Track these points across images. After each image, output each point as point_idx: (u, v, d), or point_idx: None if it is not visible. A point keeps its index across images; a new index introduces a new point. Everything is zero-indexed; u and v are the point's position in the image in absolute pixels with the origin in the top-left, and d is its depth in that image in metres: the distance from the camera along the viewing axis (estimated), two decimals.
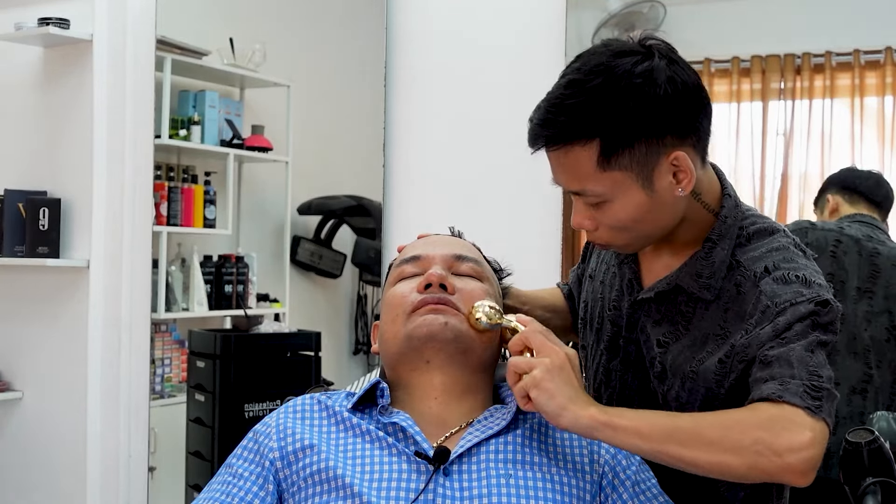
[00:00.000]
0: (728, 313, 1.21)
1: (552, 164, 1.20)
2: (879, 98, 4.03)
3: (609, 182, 1.15)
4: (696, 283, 1.24)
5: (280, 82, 2.99)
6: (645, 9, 4.16)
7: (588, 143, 1.13)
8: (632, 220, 1.19)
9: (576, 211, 1.22)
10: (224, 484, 1.19)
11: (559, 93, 1.16)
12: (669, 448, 1.08)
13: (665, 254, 1.29)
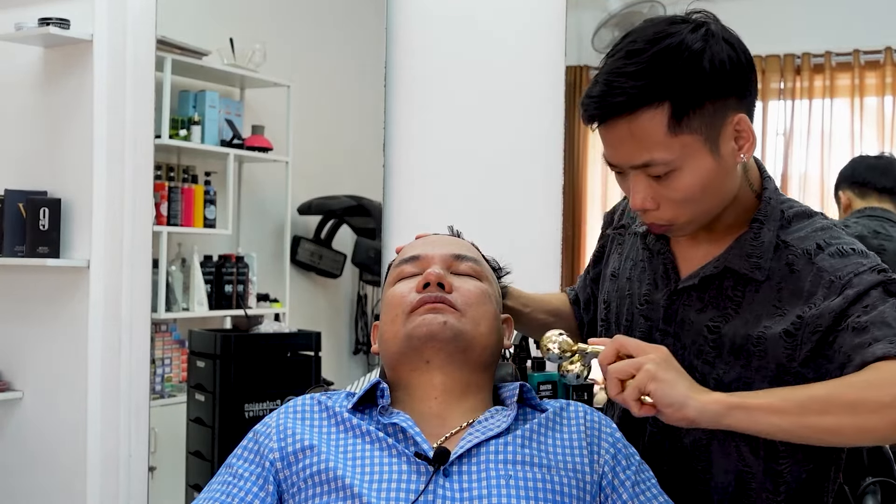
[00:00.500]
0: (782, 292, 1.21)
1: (612, 140, 1.16)
2: (879, 98, 4.03)
3: (679, 147, 1.14)
4: (746, 264, 1.23)
5: (280, 82, 2.99)
6: (645, 9, 4.16)
7: (659, 107, 1.12)
8: (700, 188, 1.17)
9: (636, 191, 1.18)
10: (224, 484, 1.19)
11: (620, 63, 1.14)
12: (808, 419, 1.06)
13: (703, 242, 1.28)
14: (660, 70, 1.12)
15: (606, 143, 1.18)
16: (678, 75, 1.12)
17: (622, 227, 1.44)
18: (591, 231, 4.13)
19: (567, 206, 2.64)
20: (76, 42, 2.76)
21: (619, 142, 1.16)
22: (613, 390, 1.09)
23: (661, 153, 1.14)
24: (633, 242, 1.40)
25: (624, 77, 1.13)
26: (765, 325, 1.21)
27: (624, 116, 1.13)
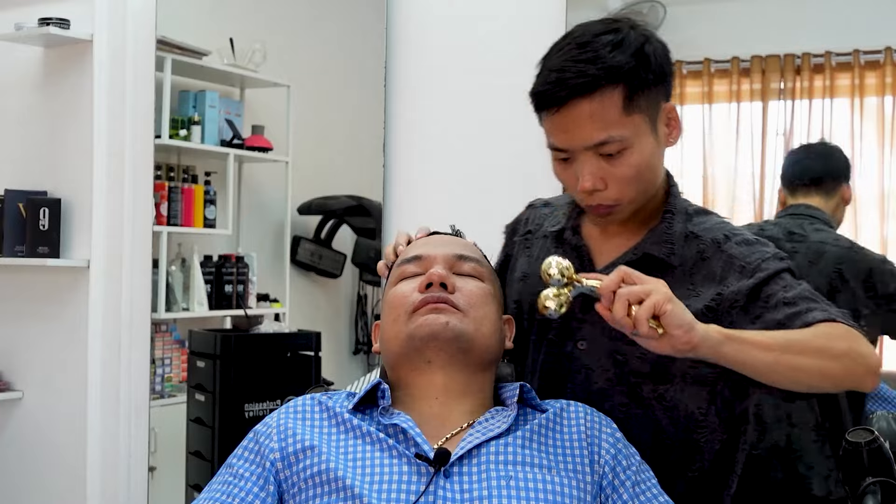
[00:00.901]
0: (695, 277, 1.33)
1: (570, 122, 1.25)
2: (879, 98, 4.03)
3: (631, 126, 1.25)
4: (663, 249, 1.33)
5: (280, 82, 2.99)
6: (645, 9, 4.16)
7: (615, 88, 1.23)
8: (645, 166, 1.28)
9: (587, 172, 1.27)
10: (224, 484, 1.19)
11: (573, 53, 1.25)
12: (787, 357, 1.18)
13: (615, 236, 1.38)
14: (612, 56, 1.24)
15: (561, 129, 1.27)
16: (628, 61, 1.24)
17: (528, 232, 1.50)
18: None
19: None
20: (76, 42, 2.76)
21: (577, 123, 1.25)
22: (621, 312, 1.11)
23: (618, 130, 1.25)
24: (542, 244, 1.46)
25: (581, 63, 1.23)
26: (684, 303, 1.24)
27: (585, 97, 1.23)
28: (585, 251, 1.39)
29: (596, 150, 1.26)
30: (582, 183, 1.28)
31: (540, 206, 1.53)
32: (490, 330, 1.27)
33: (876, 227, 4.13)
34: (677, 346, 1.12)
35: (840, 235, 2.38)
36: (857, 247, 2.36)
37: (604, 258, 1.38)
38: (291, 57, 3.03)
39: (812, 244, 2.31)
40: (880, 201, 4.14)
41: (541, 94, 1.27)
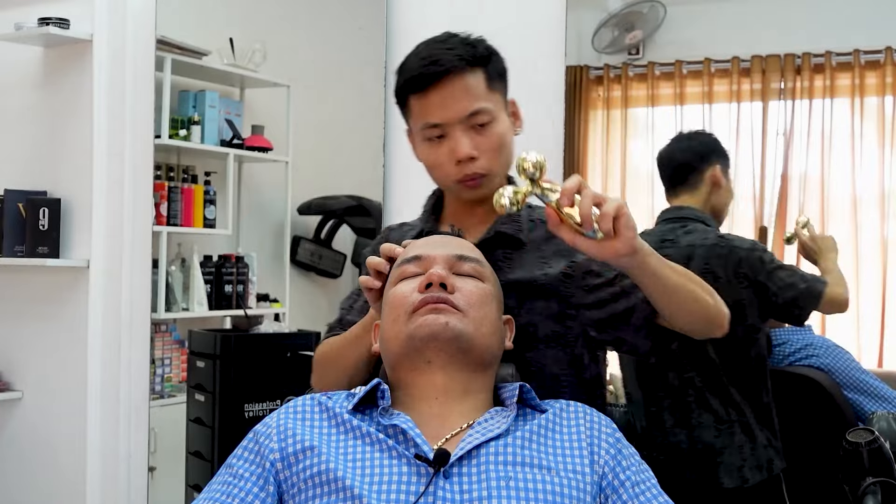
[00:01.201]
0: (545, 251, 1.48)
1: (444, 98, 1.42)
2: (879, 98, 4.03)
3: (494, 101, 1.46)
4: (512, 227, 1.49)
5: (280, 82, 2.99)
6: (645, 9, 4.16)
7: (479, 70, 1.45)
8: (506, 140, 1.47)
9: (462, 143, 1.43)
10: (224, 484, 1.19)
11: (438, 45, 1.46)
12: (688, 283, 1.34)
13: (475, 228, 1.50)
14: (474, 48, 1.46)
15: (438, 104, 1.43)
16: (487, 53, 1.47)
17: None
18: None
19: None
20: (76, 42, 2.76)
21: (453, 97, 1.42)
22: (587, 208, 1.18)
23: (486, 103, 1.44)
24: None
25: (449, 49, 1.44)
26: (540, 272, 1.45)
27: (458, 74, 1.42)
28: None
29: (469, 122, 1.43)
30: (459, 151, 1.43)
31: (397, 227, 1.65)
32: (490, 330, 1.27)
33: (876, 227, 4.14)
34: (622, 249, 1.19)
35: (710, 232, 2.38)
36: (724, 240, 2.35)
37: None
38: (291, 57, 3.03)
39: (682, 248, 2.32)
40: (880, 201, 4.14)
41: (418, 77, 1.43)
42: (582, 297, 1.44)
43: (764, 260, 2.32)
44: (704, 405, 2.23)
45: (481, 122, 1.44)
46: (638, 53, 4.36)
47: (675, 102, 4.34)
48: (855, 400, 2.30)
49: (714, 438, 2.21)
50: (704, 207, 2.51)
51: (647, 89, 4.34)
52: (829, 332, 4.19)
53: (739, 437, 2.21)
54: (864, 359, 3.56)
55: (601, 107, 4.37)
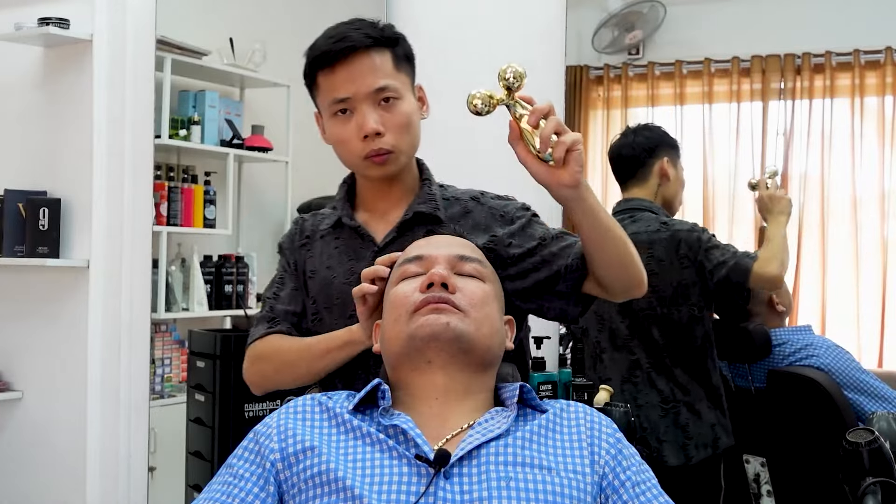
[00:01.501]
0: (463, 227, 1.52)
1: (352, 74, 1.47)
2: (879, 98, 4.04)
3: (401, 81, 1.51)
4: (429, 206, 1.53)
5: (280, 82, 2.99)
6: (645, 9, 4.16)
7: (385, 50, 1.50)
8: (412, 120, 1.51)
9: (369, 118, 1.47)
10: (224, 484, 1.19)
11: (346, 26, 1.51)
12: (618, 229, 1.42)
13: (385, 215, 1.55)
14: (382, 31, 1.51)
15: (347, 79, 1.48)
16: (394, 36, 1.52)
17: (307, 238, 1.62)
18: None
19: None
20: (76, 42, 2.76)
21: (361, 72, 1.47)
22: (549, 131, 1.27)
23: (393, 81, 1.49)
24: (321, 245, 1.59)
25: (356, 30, 1.49)
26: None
27: (366, 51, 1.48)
28: (364, 231, 1.55)
29: (376, 97, 1.48)
30: (366, 125, 1.46)
31: (309, 217, 1.66)
32: (490, 331, 1.27)
33: (876, 226, 4.14)
34: (567, 180, 1.30)
35: (654, 220, 2.45)
36: (665, 225, 2.42)
37: (384, 233, 1.54)
38: (291, 57, 3.01)
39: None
40: (880, 201, 4.14)
41: (327, 53, 1.48)
42: (504, 268, 1.48)
43: (701, 239, 2.38)
44: (651, 385, 2.32)
45: (387, 97, 1.48)
46: (638, 53, 4.36)
47: (675, 102, 4.35)
48: (855, 400, 2.30)
49: (659, 418, 2.26)
50: (655, 198, 2.55)
51: (647, 89, 4.34)
52: (830, 332, 4.19)
53: (685, 416, 2.26)
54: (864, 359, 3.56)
55: (601, 107, 4.37)
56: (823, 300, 4.11)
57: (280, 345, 1.54)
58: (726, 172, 4.15)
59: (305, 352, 1.50)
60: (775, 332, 2.41)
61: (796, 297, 4.11)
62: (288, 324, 1.58)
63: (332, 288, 1.54)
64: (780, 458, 2.38)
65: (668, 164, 2.59)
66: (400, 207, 1.55)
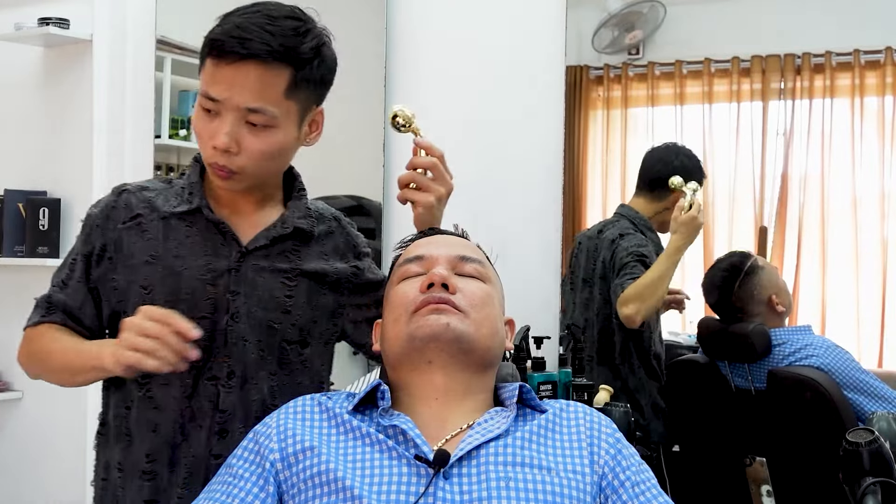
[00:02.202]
0: (325, 247, 1.51)
1: (235, 79, 1.32)
2: (879, 98, 4.03)
3: (285, 109, 1.36)
4: (306, 222, 1.49)
5: None
6: (645, 9, 4.16)
7: (286, 69, 1.34)
8: (281, 150, 1.40)
9: (225, 131, 1.34)
10: (224, 484, 1.19)
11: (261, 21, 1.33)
12: None
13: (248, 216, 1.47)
14: (293, 40, 1.34)
15: (225, 82, 1.32)
16: (305, 53, 1.35)
17: (137, 216, 1.46)
18: None
19: (567, 206, 2.64)
20: (76, 42, 2.76)
21: (242, 83, 1.32)
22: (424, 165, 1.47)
23: (273, 107, 1.34)
24: (164, 226, 1.44)
25: (266, 32, 1.31)
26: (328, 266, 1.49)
27: (259, 63, 1.31)
28: (227, 228, 1.44)
29: (244, 115, 1.34)
30: (217, 139, 1.34)
31: (136, 190, 1.51)
32: (491, 331, 1.27)
33: (876, 227, 4.14)
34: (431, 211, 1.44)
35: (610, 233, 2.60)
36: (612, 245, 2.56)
37: (246, 236, 1.45)
38: None
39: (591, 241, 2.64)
40: (880, 201, 4.14)
41: (219, 42, 1.32)
42: (358, 296, 1.52)
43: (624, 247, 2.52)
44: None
45: (256, 122, 1.35)
46: (638, 53, 4.36)
47: (675, 102, 4.35)
48: (855, 400, 2.30)
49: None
50: (651, 216, 2.65)
51: (647, 89, 4.34)
52: (829, 332, 4.20)
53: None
54: (864, 359, 3.56)
55: (601, 107, 4.37)
56: (823, 300, 4.11)
57: (50, 348, 1.45)
58: (726, 172, 4.15)
59: (67, 365, 1.41)
60: (775, 332, 2.42)
61: (796, 297, 4.11)
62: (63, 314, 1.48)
63: (181, 280, 1.41)
64: (780, 458, 2.38)
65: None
66: (264, 211, 1.48)
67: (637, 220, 2.65)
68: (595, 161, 4.31)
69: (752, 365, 2.42)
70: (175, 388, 1.40)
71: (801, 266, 4.10)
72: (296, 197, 1.52)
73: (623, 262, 2.50)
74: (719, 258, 2.62)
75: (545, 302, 2.26)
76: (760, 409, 2.40)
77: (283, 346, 1.45)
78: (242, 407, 1.41)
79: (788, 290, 2.61)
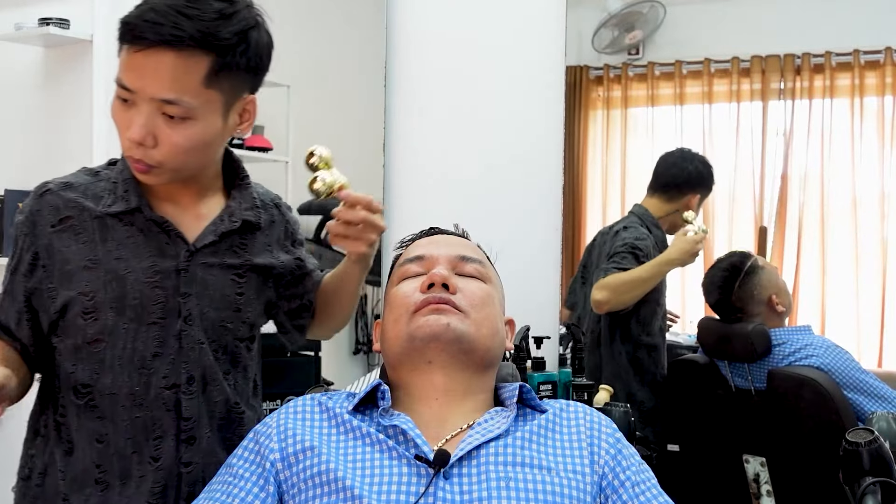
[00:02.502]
0: (270, 238, 1.46)
1: (148, 67, 1.22)
2: (879, 98, 4.05)
3: (205, 99, 1.25)
4: (253, 213, 1.42)
5: (280, 82, 2.99)
6: (645, 9, 4.16)
7: (205, 56, 1.23)
8: (202, 143, 1.29)
9: (141, 123, 1.25)
10: (224, 484, 1.19)
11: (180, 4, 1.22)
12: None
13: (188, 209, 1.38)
14: (215, 25, 1.23)
15: (137, 70, 1.24)
16: (228, 37, 1.24)
17: (67, 218, 1.33)
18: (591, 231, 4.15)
19: (567, 206, 2.64)
20: (76, 42, 2.76)
21: (155, 72, 1.22)
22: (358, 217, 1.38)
23: (190, 98, 1.24)
24: (100, 226, 1.33)
25: (182, 16, 1.21)
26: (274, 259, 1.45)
27: (172, 50, 1.21)
28: (170, 227, 1.34)
29: (160, 107, 1.24)
30: (132, 132, 1.26)
31: (59, 189, 1.35)
32: (491, 331, 1.27)
33: (876, 227, 4.15)
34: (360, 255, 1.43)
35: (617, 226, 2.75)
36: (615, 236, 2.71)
37: (191, 231, 1.36)
38: (291, 57, 3.02)
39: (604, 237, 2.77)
40: (880, 201, 4.15)
41: (131, 26, 1.22)
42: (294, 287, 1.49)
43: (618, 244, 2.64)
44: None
45: (173, 113, 1.24)
46: (638, 53, 4.37)
47: (675, 102, 4.36)
48: (855, 400, 2.30)
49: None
50: (662, 216, 2.76)
51: (647, 89, 4.35)
52: (829, 332, 4.20)
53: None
54: (864, 359, 3.57)
55: (601, 107, 4.38)
56: (823, 300, 4.12)
57: None
58: (726, 172, 4.16)
59: None
60: (775, 332, 2.41)
61: (796, 297, 4.12)
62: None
63: (126, 284, 1.30)
64: (780, 458, 2.38)
65: (697, 200, 2.77)
66: (206, 202, 1.39)
67: (645, 216, 2.73)
68: (595, 161, 4.33)
69: (752, 365, 2.42)
70: (123, 398, 1.31)
71: (801, 266, 4.11)
72: (240, 185, 1.43)
73: (615, 251, 2.58)
74: (719, 258, 2.62)
75: (545, 302, 2.26)
76: (760, 409, 2.40)
77: (235, 345, 1.40)
78: (207, 411, 1.36)
79: (788, 290, 2.61)
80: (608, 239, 2.70)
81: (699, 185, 2.76)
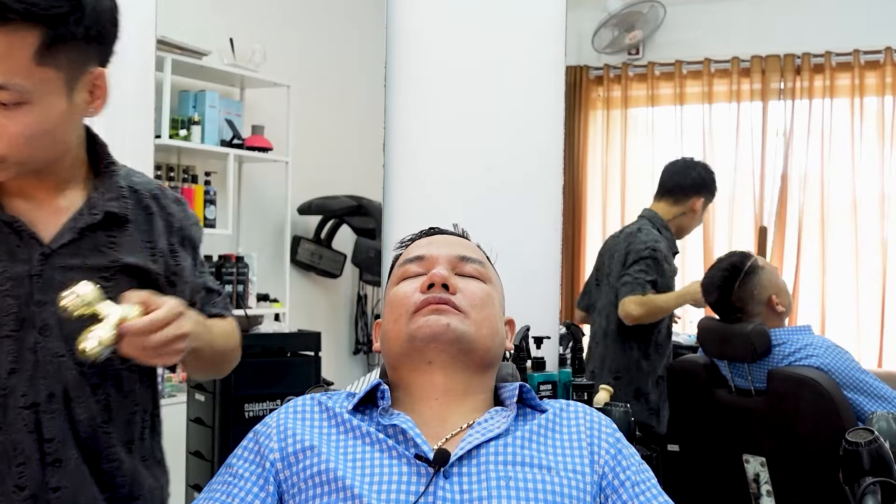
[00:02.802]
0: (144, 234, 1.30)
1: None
2: (879, 98, 4.05)
3: (39, 79, 1.11)
4: (119, 205, 1.26)
5: (280, 82, 2.99)
6: (645, 9, 4.16)
7: (32, 29, 1.08)
8: (45, 130, 1.15)
9: None
10: (224, 484, 1.19)
11: None
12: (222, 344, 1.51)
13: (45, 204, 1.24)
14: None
15: None
16: (58, 5, 1.10)
17: None
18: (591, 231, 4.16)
19: (567, 206, 2.65)
20: None
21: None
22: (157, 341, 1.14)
23: (20, 79, 1.10)
24: None
25: None
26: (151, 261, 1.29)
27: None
28: (22, 227, 1.21)
29: None
30: None
31: None
32: (491, 331, 1.27)
33: (876, 227, 4.15)
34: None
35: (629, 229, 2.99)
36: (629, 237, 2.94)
37: (49, 230, 1.22)
38: (291, 57, 3.03)
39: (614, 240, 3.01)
40: (880, 201, 4.16)
41: None
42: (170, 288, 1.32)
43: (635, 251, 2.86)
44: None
45: (4, 100, 1.10)
46: (638, 53, 4.37)
47: (675, 102, 4.36)
48: (855, 400, 2.30)
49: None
50: (670, 219, 2.99)
51: (647, 89, 4.36)
52: (829, 332, 4.20)
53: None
54: (864, 359, 3.57)
55: (601, 107, 4.38)
56: (823, 300, 4.13)
57: None
58: (726, 172, 4.17)
59: None
60: (775, 332, 2.41)
61: (796, 297, 4.12)
62: None
63: None
64: (780, 458, 2.38)
65: (701, 203, 3.02)
66: (67, 195, 1.24)
67: (655, 219, 2.97)
68: (595, 161, 4.33)
69: (752, 365, 2.42)
70: None
71: (801, 266, 4.11)
72: (104, 173, 1.28)
73: (639, 256, 2.82)
74: (719, 258, 2.62)
75: (545, 302, 2.26)
76: (760, 409, 2.40)
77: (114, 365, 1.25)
78: (71, 430, 1.22)
79: (788, 290, 2.61)
80: (621, 241, 2.93)
81: (703, 188, 3.00)
